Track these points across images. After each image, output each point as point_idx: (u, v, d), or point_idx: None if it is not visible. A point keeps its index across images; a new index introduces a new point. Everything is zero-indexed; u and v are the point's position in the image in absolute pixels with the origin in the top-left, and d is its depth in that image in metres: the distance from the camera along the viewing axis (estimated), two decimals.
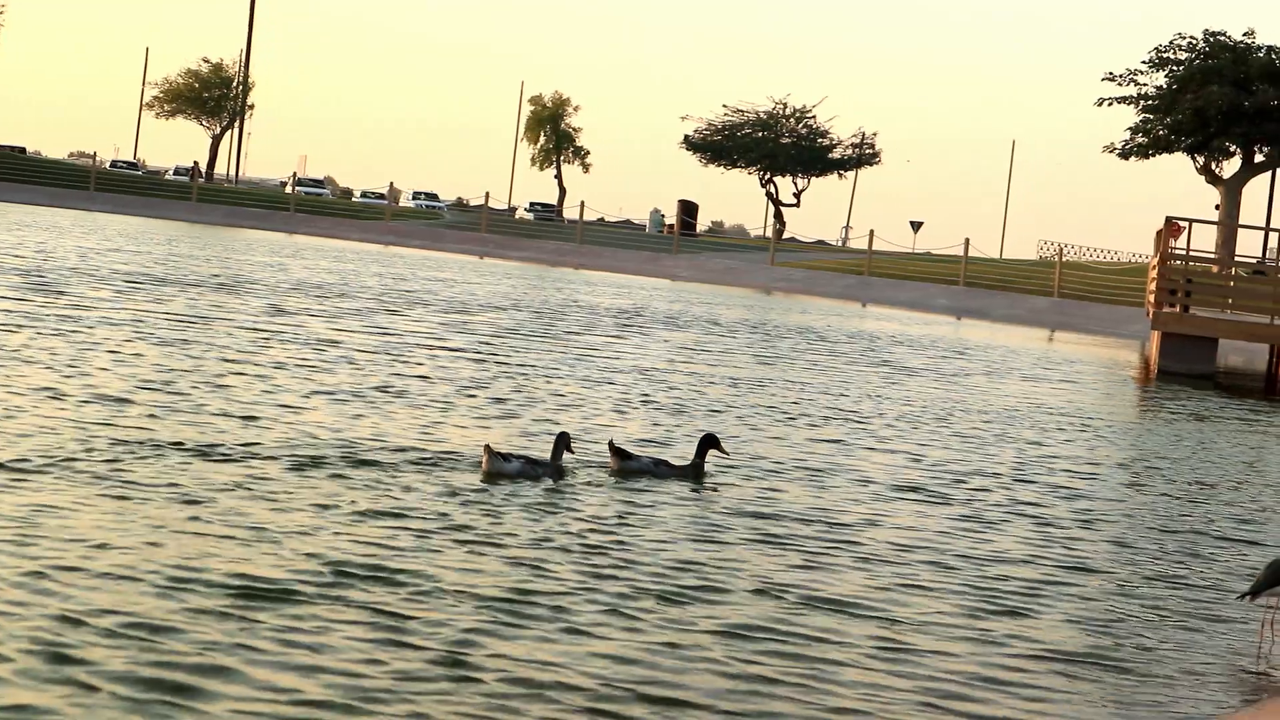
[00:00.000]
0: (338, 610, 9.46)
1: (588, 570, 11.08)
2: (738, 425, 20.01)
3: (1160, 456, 21.59)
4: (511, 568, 10.94)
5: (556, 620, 9.74)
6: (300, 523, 11.66)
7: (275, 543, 10.96)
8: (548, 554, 11.43)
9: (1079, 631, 10.88)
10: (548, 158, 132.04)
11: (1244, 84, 69.98)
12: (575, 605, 10.10)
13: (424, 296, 40.92)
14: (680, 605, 10.40)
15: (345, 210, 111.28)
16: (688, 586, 10.90)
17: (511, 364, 25.03)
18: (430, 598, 9.94)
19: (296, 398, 18.37)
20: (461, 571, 10.65)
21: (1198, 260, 47.66)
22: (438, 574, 10.51)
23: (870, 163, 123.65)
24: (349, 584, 10.06)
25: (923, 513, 14.84)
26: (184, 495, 12.20)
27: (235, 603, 9.39)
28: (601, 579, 10.87)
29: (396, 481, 13.62)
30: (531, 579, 10.66)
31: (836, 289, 75.28)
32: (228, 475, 13.15)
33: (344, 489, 13.08)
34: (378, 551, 10.99)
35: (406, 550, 11.12)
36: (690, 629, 9.86)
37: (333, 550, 10.88)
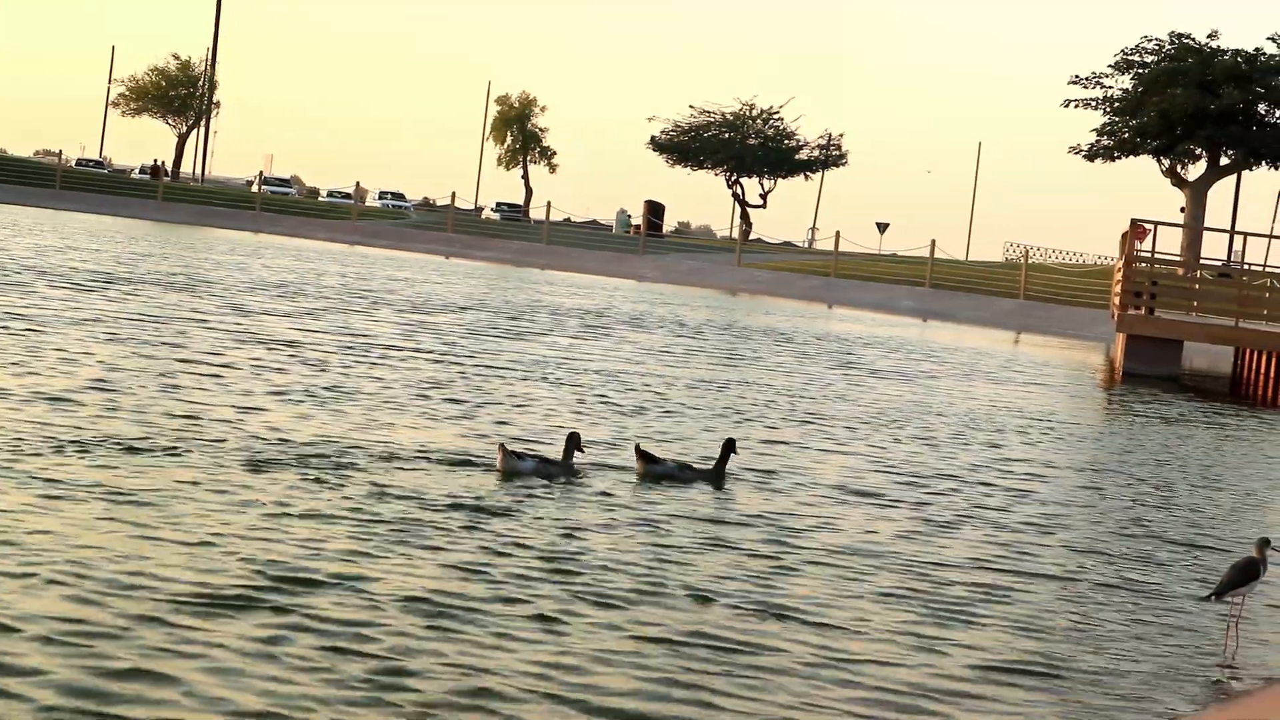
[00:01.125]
0: (269, 616, 9.22)
1: (528, 574, 10.84)
2: (694, 426, 19.77)
3: (1124, 459, 21.43)
4: (446, 572, 10.70)
5: (488, 625, 9.52)
6: (235, 525, 11.40)
7: (209, 545, 10.72)
8: (487, 558, 11.20)
9: (1041, 636, 10.71)
10: (514, 158, 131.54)
11: (1209, 87, 69.94)
12: (507, 611, 9.88)
13: (384, 296, 40.59)
14: (618, 610, 10.16)
15: (311, 209, 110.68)
16: (628, 591, 10.68)
17: (469, 364, 24.75)
18: (363, 603, 9.70)
19: (245, 397, 18.08)
20: (397, 576, 10.40)
21: (1163, 263, 47.60)
22: (371, 579, 10.26)
23: (837, 164, 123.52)
24: (283, 589, 9.81)
25: (878, 516, 14.61)
26: (123, 497, 11.95)
27: (166, 607, 9.15)
28: (539, 582, 10.64)
29: (339, 482, 13.38)
30: (466, 583, 10.42)
31: (802, 290, 75.11)
32: (168, 476, 12.89)
33: (283, 490, 12.83)
34: (313, 555, 10.74)
35: (342, 554, 10.88)
36: (628, 635, 9.63)
37: (266, 553, 10.64)
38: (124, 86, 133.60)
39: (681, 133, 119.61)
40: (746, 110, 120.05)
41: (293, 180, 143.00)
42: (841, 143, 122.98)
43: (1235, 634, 11.04)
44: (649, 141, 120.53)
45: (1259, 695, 9.68)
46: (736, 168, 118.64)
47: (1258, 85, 70.64)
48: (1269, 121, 71.15)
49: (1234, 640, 10.98)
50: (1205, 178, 71.80)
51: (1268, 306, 43.65)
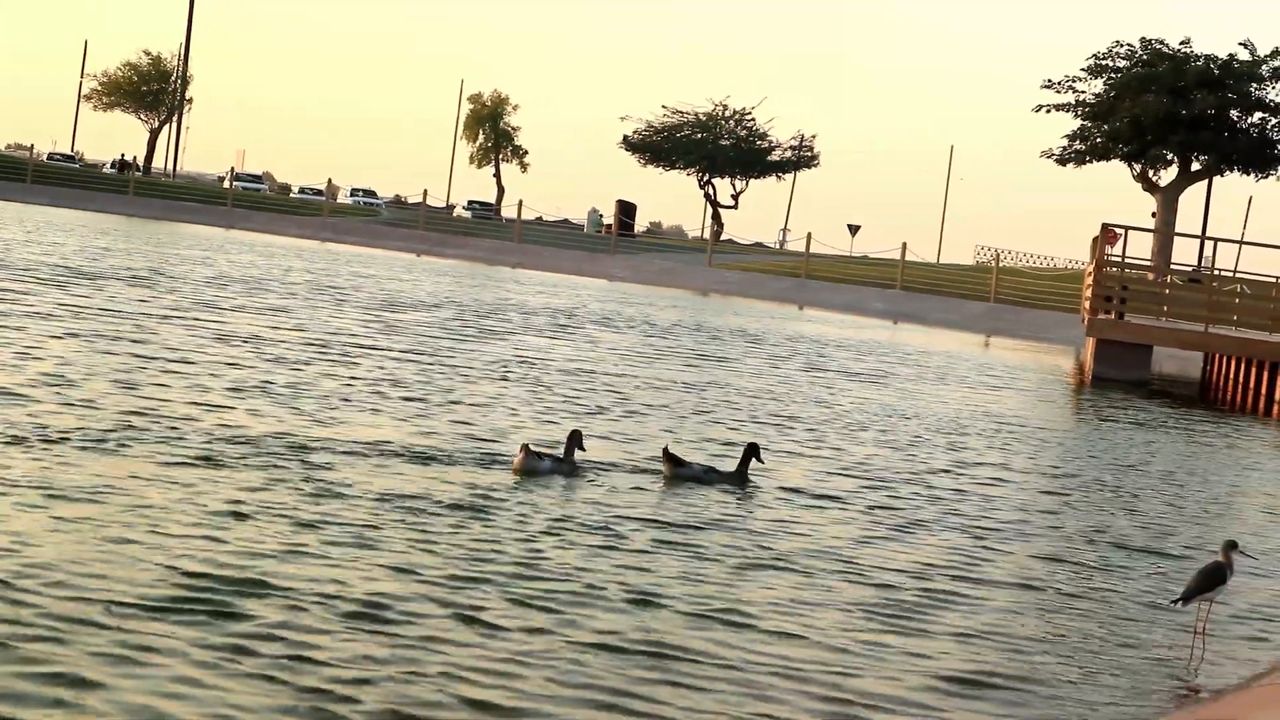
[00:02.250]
0: (207, 619, 8.96)
1: (470, 576, 10.59)
2: (653, 426, 19.53)
3: (1091, 464, 21.26)
4: (377, 572, 10.43)
5: (411, 626, 9.28)
6: (177, 523, 11.13)
7: (149, 544, 10.43)
8: (421, 559, 10.93)
9: (1002, 643, 10.51)
10: (486, 156, 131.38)
11: (1181, 92, 69.88)
12: (432, 611, 9.64)
13: (350, 293, 40.30)
14: (560, 614, 9.90)
15: (283, 206, 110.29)
16: (574, 594, 10.43)
17: (431, 362, 24.48)
18: (307, 607, 9.43)
19: (199, 393, 17.77)
20: (341, 578, 10.15)
21: (1133, 267, 47.53)
22: (319, 580, 10.00)
23: (809, 165, 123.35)
24: (222, 590, 9.55)
25: (839, 520, 14.36)
26: (65, 493, 11.68)
27: (98, 609, 8.90)
28: (482, 584, 10.39)
29: (287, 480, 13.11)
30: (396, 584, 10.16)
31: (773, 291, 74.99)
32: (113, 471, 12.62)
33: (231, 489, 12.54)
34: (254, 556, 10.46)
35: (284, 554, 10.61)
36: (569, 640, 9.37)
37: (207, 553, 10.37)
38: (96, 81, 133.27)
39: (654, 133, 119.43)
40: (719, 111, 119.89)
41: (264, 177, 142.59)
42: (814, 144, 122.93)
43: (1202, 639, 10.99)
44: (621, 141, 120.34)
45: (1225, 700, 9.59)
46: (708, 168, 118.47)
47: (1230, 91, 70.63)
48: (1241, 127, 71.15)
49: (1201, 645, 10.92)
50: (1176, 183, 71.77)
51: (1237, 312, 43.63)
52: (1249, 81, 70.79)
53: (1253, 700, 9.49)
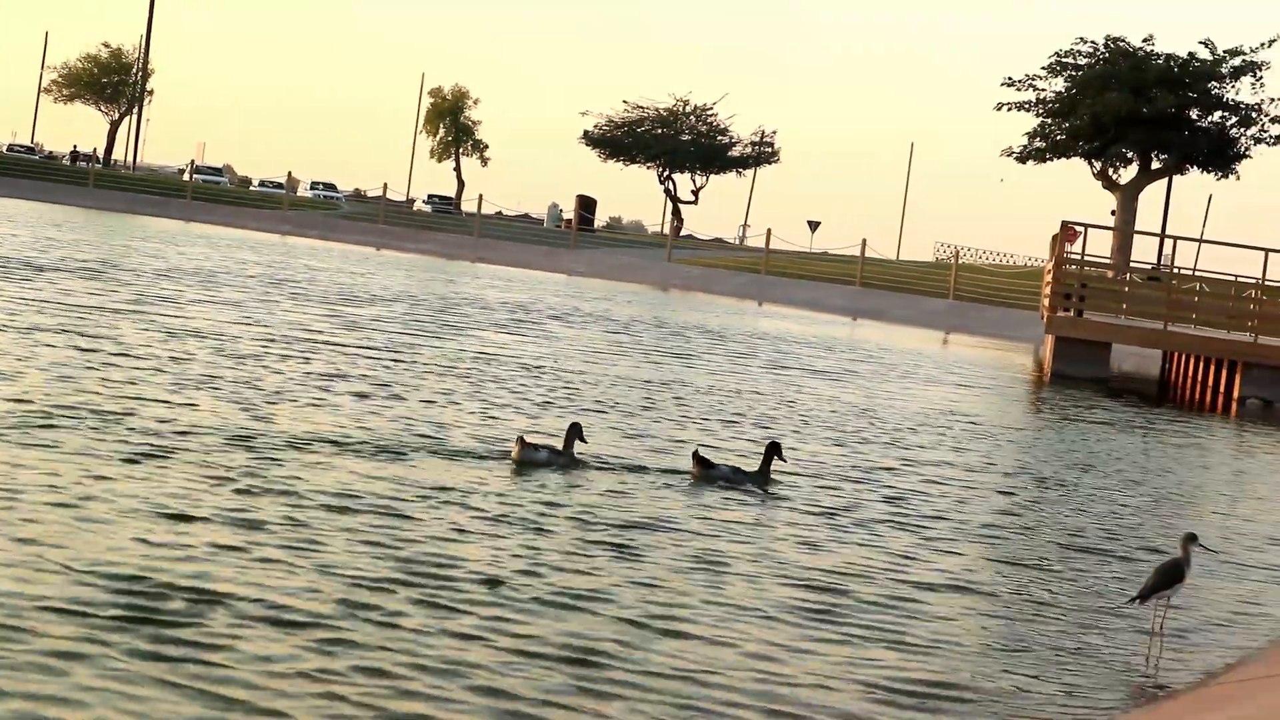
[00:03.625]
0: (114, 624, 8.64)
1: (391, 576, 10.26)
2: (601, 422, 19.25)
3: (1048, 461, 21.06)
4: (305, 573, 10.09)
5: (316, 629, 8.96)
6: (102, 521, 10.79)
7: (61, 548, 10.08)
8: (349, 558, 10.59)
9: (957, 643, 10.32)
10: (447, 150, 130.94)
11: (1142, 91, 69.90)
12: (356, 613, 9.32)
13: (304, 286, 39.92)
14: (464, 616, 9.55)
15: (243, 199, 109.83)
16: (501, 595, 10.09)
17: (383, 356, 24.14)
18: (236, 610, 9.12)
19: (137, 386, 17.40)
20: (246, 583, 9.82)
21: (1093, 265, 47.42)
22: (223, 582, 9.66)
23: (769, 161, 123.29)
24: (144, 592, 9.23)
25: (786, 521, 14.01)
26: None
27: (8, 615, 8.58)
28: (405, 586, 10.08)
29: (221, 477, 12.76)
30: (327, 584, 9.83)
31: (733, 287, 74.84)
32: (43, 467, 12.28)
33: (161, 486, 12.20)
34: (184, 558, 10.11)
35: (212, 556, 10.27)
36: (490, 644, 9.04)
37: (131, 552, 10.04)
38: (56, 73, 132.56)
39: (615, 128, 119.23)
40: (680, 106, 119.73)
41: (225, 169, 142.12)
42: (774, 140, 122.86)
43: (1160, 637, 10.92)
44: (582, 136, 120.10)
45: (1181, 699, 9.51)
46: (669, 163, 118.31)
47: (1190, 90, 70.69)
48: (1201, 126, 71.21)
49: (1158, 644, 10.83)
50: (1136, 181, 71.81)
51: (1196, 310, 43.64)
52: (1209, 80, 70.87)
53: (1209, 699, 9.43)
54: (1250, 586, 13.43)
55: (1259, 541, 15.97)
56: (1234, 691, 9.52)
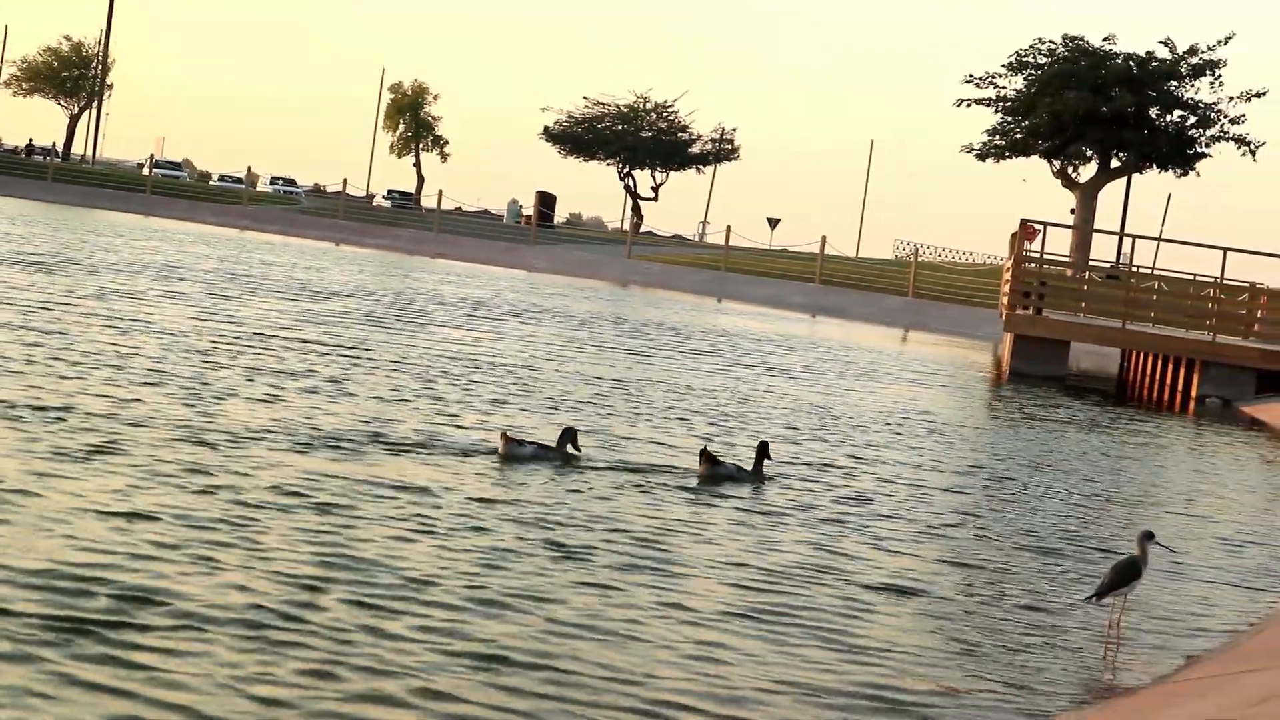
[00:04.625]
0: (46, 625, 8.38)
1: (325, 576, 10.00)
2: (549, 419, 19.05)
3: (1004, 459, 20.93)
4: (220, 570, 9.83)
5: (249, 629, 8.71)
6: (30, 518, 10.51)
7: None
8: (292, 557, 10.35)
9: (911, 642, 10.17)
10: (407, 146, 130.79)
11: (1102, 89, 70.00)
12: (286, 613, 9.06)
13: (259, 281, 39.61)
14: (405, 617, 9.29)
15: (202, 194, 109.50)
16: (434, 598, 9.80)
17: (336, 351, 23.87)
18: (133, 604, 8.86)
19: (83, 380, 17.11)
20: (175, 575, 9.58)
21: (1052, 263, 47.44)
22: (150, 578, 9.41)
23: (729, 158, 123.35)
24: (74, 593, 8.99)
25: (731, 519, 13.76)
26: None
27: None
28: (339, 585, 9.82)
29: (155, 474, 12.48)
30: (238, 583, 9.57)
31: (693, 284, 74.77)
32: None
33: (98, 482, 11.94)
34: (100, 554, 9.85)
35: (146, 556, 9.99)
36: (423, 644, 8.80)
37: (62, 550, 9.78)
38: (15, 67, 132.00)
39: (575, 124, 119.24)
40: (641, 103, 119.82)
41: (184, 164, 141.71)
42: (734, 137, 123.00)
43: (1117, 635, 10.86)
44: (542, 132, 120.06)
45: (1137, 696, 9.45)
46: (629, 160, 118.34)
47: (1149, 89, 70.81)
48: (1160, 125, 71.33)
49: (1115, 641, 10.78)
50: (1095, 180, 71.93)
51: (1155, 309, 43.68)
52: (1169, 80, 71.00)
53: (1165, 696, 9.36)
54: (1204, 587, 13.33)
55: (1214, 541, 15.87)
56: (1191, 689, 9.47)
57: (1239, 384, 37.84)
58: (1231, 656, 10.53)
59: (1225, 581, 13.69)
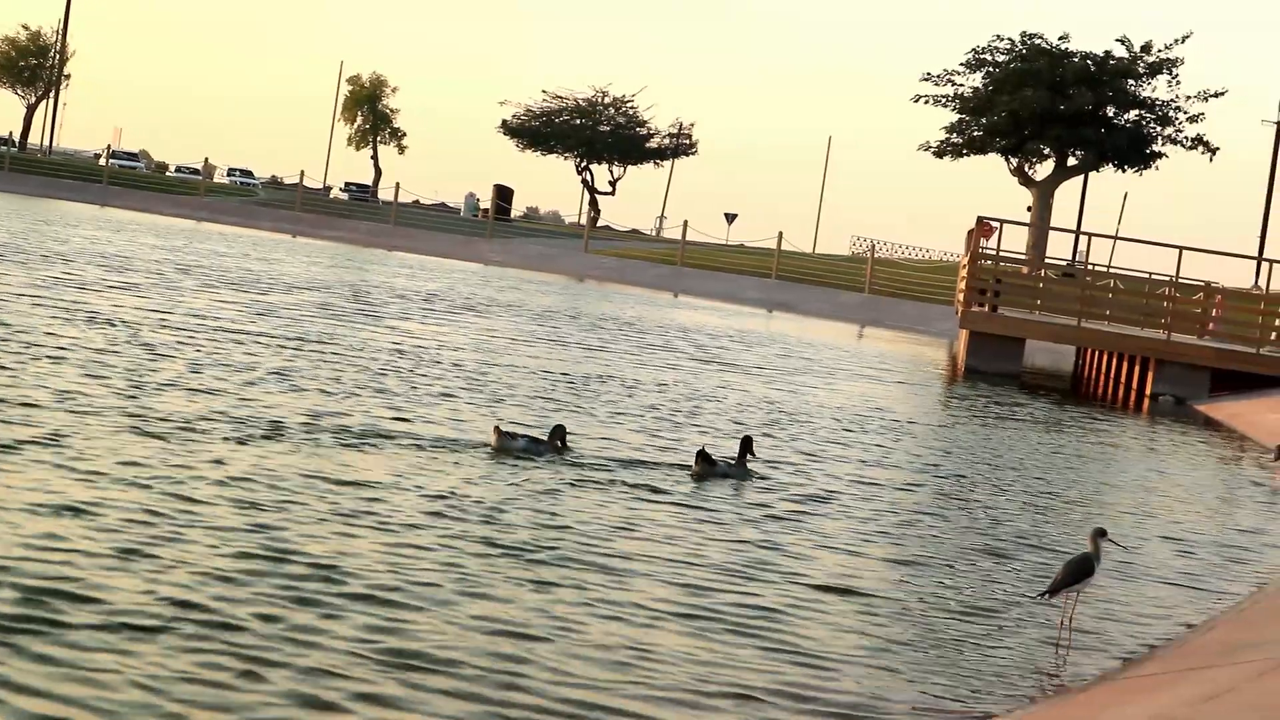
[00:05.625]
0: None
1: (252, 570, 9.82)
2: (505, 413, 18.93)
3: (958, 457, 20.83)
4: (138, 568, 9.61)
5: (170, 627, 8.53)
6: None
7: None
8: (216, 552, 10.14)
9: (861, 636, 10.11)
10: (364, 138, 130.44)
11: (1059, 88, 70.22)
12: (180, 612, 8.83)
13: (211, 272, 39.31)
14: (330, 616, 9.10)
15: (159, 184, 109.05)
16: (351, 593, 9.61)
17: (286, 344, 23.63)
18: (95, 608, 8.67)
19: (20, 370, 16.89)
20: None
21: (1008, 261, 47.48)
22: (53, 578, 9.24)
23: (687, 153, 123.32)
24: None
25: (677, 515, 13.58)
26: None
27: None
28: (266, 580, 9.64)
29: (88, 469, 12.26)
30: (150, 583, 9.33)
31: (649, 278, 74.66)
32: None
33: (24, 476, 11.78)
34: (22, 550, 9.63)
35: (56, 549, 9.79)
36: (357, 645, 8.62)
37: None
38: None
39: (533, 117, 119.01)
40: (599, 97, 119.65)
41: (141, 155, 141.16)
42: (692, 132, 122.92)
43: (1068, 632, 10.83)
44: (500, 125, 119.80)
45: (1089, 692, 9.44)
46: (587, 154, 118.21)
47: (1107, 88, 71.03)
48: (1117, 124, 71.55)
49: (1066, 638, 10.74)
50: (1052, 178, 72.15)
51: (1110, 307, 43.76)
52: (1125, 78, 71.23)
53: (1116, 692, 9.34)
54: (1155, 584, 13.30)
55: (1166, 540, 15.82)
56: (1142, 685, 9.46)
57: (1193, 383, 37.92)
58: (1183, 653, 10.53)
59: (1176, 579, 13.65)
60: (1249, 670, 9.27)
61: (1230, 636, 11.06)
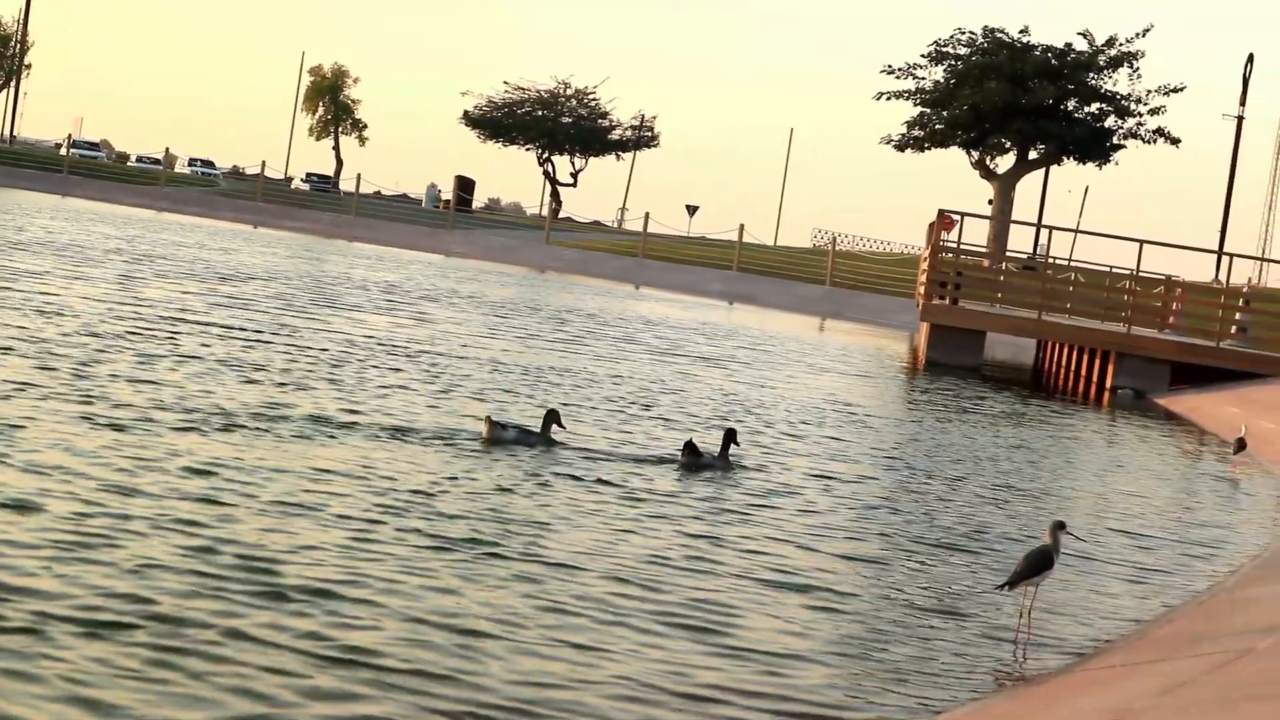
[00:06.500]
0: None
1: (196, 570, 9.55)
2: (444, 402, 18.78)
3: (918, 449, 20.73)
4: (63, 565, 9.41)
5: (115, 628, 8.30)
6: None
7: None
8: (158, 547, 9.93)
9: (820, 627, 10.06)
10: (326, 129, 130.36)
11: (1020, 81, 70.31)
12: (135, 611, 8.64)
13: (168, 263, 39.01)
14: (260, 611, 8.86)
15: (120, 174, 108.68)
16: (279, 588, 9.38)
17: (241, 335, 23.38)
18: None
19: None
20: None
21: (969, 254, 47.52)
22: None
23: (649, 145, 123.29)
24: None
25: (629, 509, 13.37)
26: None
27: None
28: (213, 579, 9.40)
29: (32, 464, 12.02)
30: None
31: (611, 270, 74.60)
32: None
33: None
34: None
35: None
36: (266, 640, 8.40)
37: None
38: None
39: (495, 109, 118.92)
40: (561, 89, 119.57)
41: (102, 144, 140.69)
42: (654, 124, 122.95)
43: (1027, 625, 10.77)
44: (462, 116, 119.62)
45: (1047, 684, 9.40)
46: (549, 145, 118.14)
47: (1068, 81, 71.14)
48: (1077, 117, 71.68)
49: (1025, 631, 10.69)
50: (1013, 171, 72.23)
51: (1070, 300, 43.82)
52: (1086, 71, 71.36)
53: (1075, 685, 9.29)
54: (1114, 577, 13.23)
55: (1126, 532, 15.76)
56: (1102, 678, 9.42)
57: (1153, 376, 37.96)
58: (1142, 646, 10.50)
59: (1136, 572, 13.58)
60: (1208, 662, 9.23)
61: (1190, 629, 11.01)
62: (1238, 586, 13.11)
